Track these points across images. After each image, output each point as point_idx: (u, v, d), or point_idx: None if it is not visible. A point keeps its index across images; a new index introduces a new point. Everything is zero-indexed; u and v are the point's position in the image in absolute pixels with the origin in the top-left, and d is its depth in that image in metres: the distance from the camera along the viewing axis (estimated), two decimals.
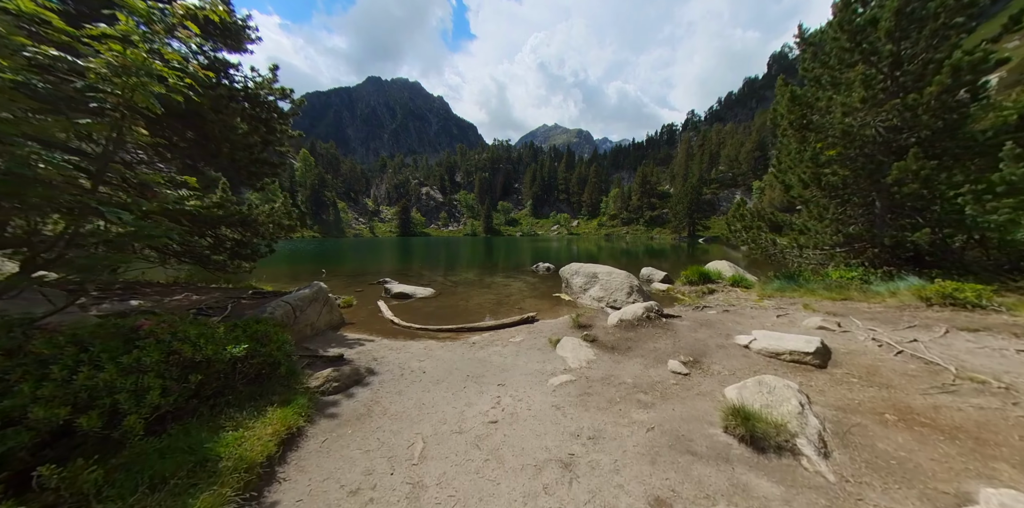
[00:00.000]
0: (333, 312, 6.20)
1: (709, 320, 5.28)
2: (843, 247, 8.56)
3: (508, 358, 4.24)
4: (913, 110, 7.27)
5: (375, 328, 6.13)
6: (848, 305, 6.54)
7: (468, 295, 8.78)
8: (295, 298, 5.36)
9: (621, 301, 7.00)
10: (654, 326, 4.74)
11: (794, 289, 7.86)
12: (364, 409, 3.12)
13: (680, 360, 3.76)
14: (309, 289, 5.74)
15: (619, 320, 4.84)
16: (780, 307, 6.58)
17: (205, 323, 3.37)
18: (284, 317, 4.91)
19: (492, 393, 3.35)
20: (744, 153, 68.43)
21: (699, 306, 6.94)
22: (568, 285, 8.22)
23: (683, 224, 60.98)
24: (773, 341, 3.94)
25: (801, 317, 5.70)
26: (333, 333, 5.73)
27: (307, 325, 5.41)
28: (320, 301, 5.82)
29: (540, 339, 4.85)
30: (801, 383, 3.21)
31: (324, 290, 6.00)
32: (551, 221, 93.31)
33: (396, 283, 9.31)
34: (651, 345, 4.25)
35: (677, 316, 5.33)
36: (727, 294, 8.45)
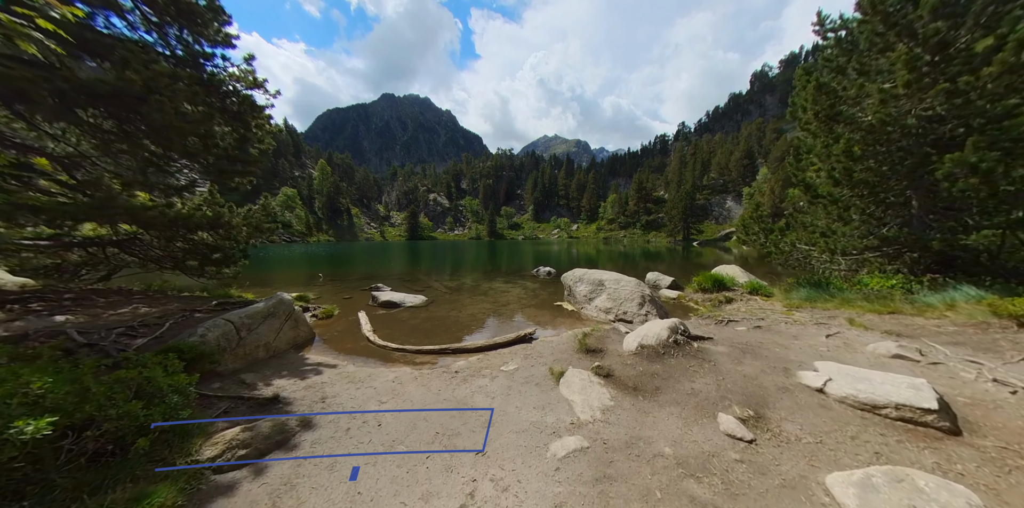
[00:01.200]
0: (299, 328, 4.99)
1: (749, 344, 3.98)
2: (875, 251, 7.21)
3: (496, 399, 2.99)
4: (965, 95, 5.96)
5: (347, 347, 4.91)
6: (902, 321, 5.20)
7: (462, 303, 7.54)
8: (243, 315, 4.16)
9: (632, 314, 5.72)
10: (684, 354, 3.46)
11: (826, 299, 6.52)
12: (266, 506, 1.88)
13: (735, 414, 2.48)
14: (264, 303, 4.54)
15: (639, 346, 3.56)
16: (820, 323, 5.26)
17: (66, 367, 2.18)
18: (221, 340, 3.70)
19: (466, 472, 2.10)
20: (733, 161, 67.27)
21: (722, 319, 5.63)
22: (571, 293, 6.94)
23: (678, 228, 59.54)
24: (859, 385, 2.65)
25: (856, 337, 4.38)
26: (294, 354, 4.51)
27: (259, 346, 4.20)
28: (280, 316, 4.60)
29: (539, 368, 3.59)
30: (944, 468, 1.92)
31: (286, 304, 4.80)
32: (552, 225, 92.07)
33: (386, 290, 8.10)
34: (687, 384, 2.97)
35: (708, 338, 4.04)
36: (747, 303, 7.12)
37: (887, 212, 7.49)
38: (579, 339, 4.07)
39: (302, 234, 72.18)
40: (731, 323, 5.45)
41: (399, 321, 6.23)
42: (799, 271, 8.21)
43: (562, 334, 4.96)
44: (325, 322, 6.27)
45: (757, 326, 5.12)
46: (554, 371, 3.39)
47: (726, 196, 67.33)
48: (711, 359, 3.40)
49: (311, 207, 79.85)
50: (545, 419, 2.64)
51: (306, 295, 8.11)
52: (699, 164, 72.73)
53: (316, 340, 5.18)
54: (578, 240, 67.49)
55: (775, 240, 7.54)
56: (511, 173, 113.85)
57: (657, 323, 3.93)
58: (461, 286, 10.09)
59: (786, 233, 7.49)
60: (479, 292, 8.94)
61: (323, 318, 6.42)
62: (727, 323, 5.47)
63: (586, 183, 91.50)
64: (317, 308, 6.69)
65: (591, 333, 4.28)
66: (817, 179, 8.07)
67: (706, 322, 5.71)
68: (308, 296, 8.10)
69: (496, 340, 4.58)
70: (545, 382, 3.26)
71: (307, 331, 5.17)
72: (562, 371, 3.30)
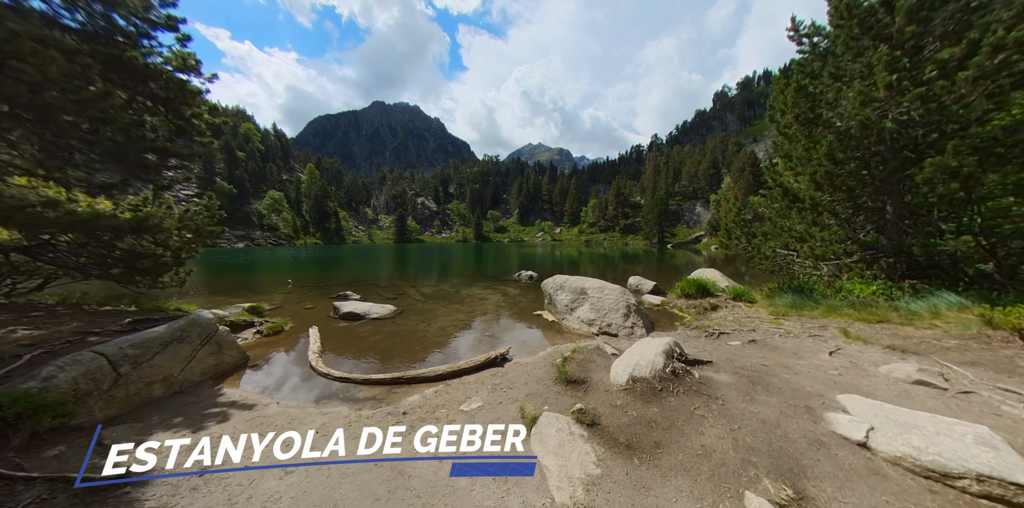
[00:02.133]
0: (224, 353, 3.91)
1: (753, 369, 3.25)
2: (852, 257, 6.80)
3: (442, 471, 2.09)
4: (938, 100, 5.59)
5: (279, 375, 3.87)
6: (896, 332, 4.67)
7: (434, 314, 6.57)
8: (128, 344, 3.07)
9: (617, 326, 4.95)
10: (686, 389, 2.67)
11: (811, 306, 5.99)
12: None
13: (769, 495, 1.69)
14: (166, 327, 3.45)
15: (630, 378, 2.75)
16: (815, 335, 4.66)
17: None
18: (82, 381, 2.63)
19: None
20: (701, 170, 69.52)
21: (712, 332, 4.94)
22: (552, 302, 6.12)
23: (653, 231, 60.46)
24: (912, 438, 1.94)
25: (860, 354, 3.76)
26: (209, 389, 3.45)
27: (154, 383, 3.12)
28: (190, 341, 3.53)
29: (508, 407, 2.73)
30: None
31: (202, 325, 3.72)
32: (536, 228, 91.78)
33: (352, 299, 7.02)
34: (695, 439, 2.17)
35: (708, 362, 3.29)
36: (733, 311, 6.52)
37: (861, 217, 7.11)
38: (558, 365, 3.23)
39: (289, 237, 68.64)
40: (723, 336, 4.77)
41: (357, 337, 5.21)
42: (778, 275, 7.73)
43: (539, 354, 4.12)
44: (270, 340, 5.18)
45: (752, 340, 4.45)
46: (525, 414, 2.53)
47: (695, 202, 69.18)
48: (717, 395, 2.63)
49: (298, 210, 76.20)
50: (507, 503, 1.77)
51: (260, 306, 6.93)
52: (671, 172, 74.40)
53: (248, 366, 4.11)
54: (561, 243, 67.48)
55: (758, 245, 7.01)
56: (497, 178, 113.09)
57: (650, 346, 3.14)
58: (438, 293, 9.09)
59: (768, 238, 6.98)
60: (455, 300, 7.98)
61: (269, 335, 5.32)
62: (718, 336, 4.78)
63: (568, 189, 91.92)
64: (264, 323, 5.57)
65: (572, 356, 3.45)
66: (795, 183, 7.65)
67: (695, 334, 5.02)
68: (262, 307, 6.92)
69: (461, 365, 3.67)
70: (512, 431, 2.39)
71: (236, 355, 4.09)
72: (535, 416, 2.44)
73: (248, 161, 73.05)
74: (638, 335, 4.91)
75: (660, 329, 5.42)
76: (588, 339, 4.86)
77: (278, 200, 70.38)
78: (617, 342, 4.57)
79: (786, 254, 6.90)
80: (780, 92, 7.53)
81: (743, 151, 62.68)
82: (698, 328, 5.35)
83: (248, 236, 62.92)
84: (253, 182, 72.05)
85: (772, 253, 6.88)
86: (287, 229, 69.20)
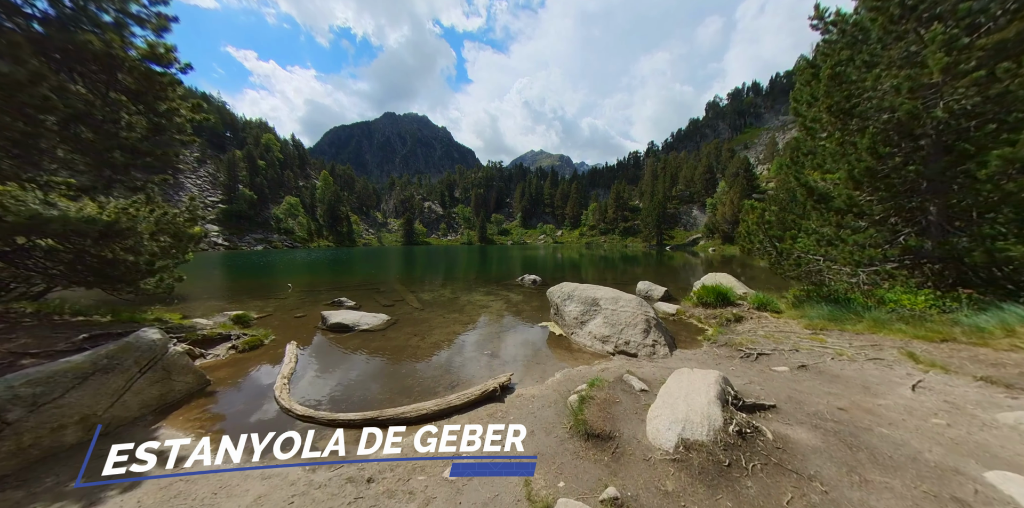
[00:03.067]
0: (172, 380, 3.11)
1: (838, 421, 2.33)
2: (892, 262, 5.82)
3: None
4: (1000, 85, 4.63)
5: (236, 408, 3.06)
6: (972, 354, 3.72)
7: (429, 325, 5.73)
8: (24, 379, 2.28)
9: (636, 344, 4.06)
10: (762, 461, 1.79)
11: (852, 319, 5.04)
12: None
13: None
14: (87, 354, 2.66)
15: (681, 443, 1.87)
16: (873, 357, 3.73)
17: None
18: None
19: None
20: (697, 175, 68.56)
21: (748, 352, 4.03)
22: (559, 313, 5.25)
23: (652, 234, 59.29)
24: None
25: (949, 387, 2.84)
26: (140, 430, 2.65)
27: (64, 427, 2.33)
28: (124, 370, 2.73)
29: (507, 483, 1.86)
30: None
31: (142, 348, 2.93)
32: (538, 231, 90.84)
33: (342, 309, 6.22)
34: None
35: (770, 406, 2.39)
36: (759, 322, 5.59)
37: (893, 219, 6.14)
38: (573, 409, 2.37)
39: (303, 240, 68.78)
40: (762, 357, 3.86)
41: (339, 355, 4.39)
42: (802, 282, 6.76)
43: (548, 382, 3.26)
44: (245, 357, 4.38)
45: (801, 365, 3.54)
46: (534, 498, 1.67)
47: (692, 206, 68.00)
48: (809, 471, 1.74)
49: (313, 214, 76.37)
50: None
51: (247, 315, 6.16)
52: (668, 177, 73.16)
53: (206, 392, 3.31)
54: (563, 245, 66.59)
55: (785, 249, 6.07)
56: (501, 183, 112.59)
57: (694, 384, 2.26)
58: (437, 299, 8.25)
59: (796, 242, 6.03)
60: (454, 307, 7.14)
61: (245, 350, 4.53)
62: (756, 357, 3.87)
63: (569, 193, 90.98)
64: (240, 336, 4.78)
65: (589, 395, 2.57)
66: (820, 182, 6.70)
67: (725, 353, 4.12)
68: (249, 316, 6.15)
69: (452, 400, 2.82)
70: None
71: (192, 381, 3.29)
72: (548, 506, 1.58)
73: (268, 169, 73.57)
74: (660, 355, 4.02)
75: (683, 346, 4.52)
76: (603, 360, 3.98)
77: (294, 205, 70.66)
78: (638, 365, 3.69)
79: (814, 259, 5.95)
80: (806, 84, 6.60)
81: (736, 157, 61.53)
82: (727, 345, 4.44)
83: (266, 239, 63.11)
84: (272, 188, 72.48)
85: (801, 259, 5.93)
86: (302, 232, 69.43)
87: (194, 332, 4.58)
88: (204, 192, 62.68)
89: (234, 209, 62.06)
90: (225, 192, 64.97)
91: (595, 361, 3.92)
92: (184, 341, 4.46)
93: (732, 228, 44.79)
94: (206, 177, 66.52)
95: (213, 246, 53.89)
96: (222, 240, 56.39)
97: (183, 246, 5.77)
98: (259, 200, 66.72)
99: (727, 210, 44.48)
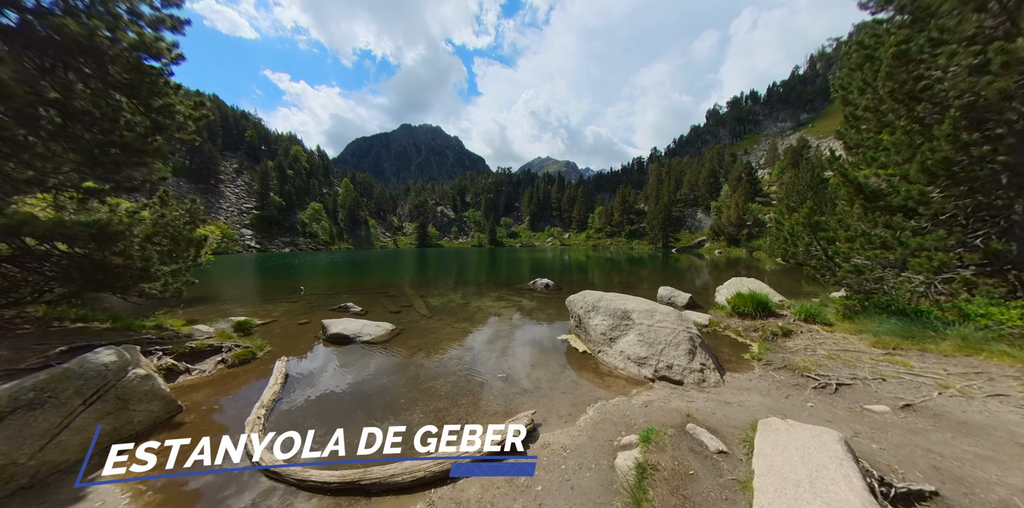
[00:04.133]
0: (131, 410, 2.46)
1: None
2: (968, 269, 4.74)
3: None
4: None
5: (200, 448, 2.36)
6: None
7: (436, 337, 4.97)
8: None
9: (681, 369, 3.20)
10: None
11: (933, 337, 4.02)
12: None
13: None
14: (8, 387, 2.00)
15: None
16: (995, 394, 2.75)
17: None
18: None
19: None
20: (701, 179, 66.69)
21: (821, 380, 3.11)
22: (581, 325, 4.42)
23: (658, 236, 57.44)
24: None
25: None
26: (67, 485, 1.97)
27: None
28: (61, 405, 2.09)
29: None
30: None
31: (87, 376, 2.28)
32: (546, 234, 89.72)
33: (345, 317, 5.55)
34: None
35: (931, 493, 1.50)
36: (812, 337, 4.61)
37: (972, 218, 5.03)
38: (631, 489, 1.55)
39: (326, 243, 69.95)
40: (843, 389, 2.94)
41: (333, 375, 3.68)
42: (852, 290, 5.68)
43: (580, 422, 2.44)
44: (234, 373, 3.74)
45: (905, 404, 2.61)
46: None
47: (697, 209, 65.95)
48: None
49: (335, 219, 77.68)
50: None
51: (250, 321, 5.59)
52: (673, 181, 71.07)
53: (172, 422, 2.64)
54: (570, 247, 65.33)
55: (843, 252, 5.04)
56: (509, 188, 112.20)
57: (819, 463, 1.43)
58: (446, 305, 7.51)
59: (855, 245, 5.00)
60: (464, 315, 6.38)
61: (235, 365, 3.89)
62: (836, 389, 2.95)
63: (576, 197, 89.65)
64: (230, 349, 4.14)
65: (649, 462, 1.75)
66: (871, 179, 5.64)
67: (787, 380, 3.21)
68: (251, 323, 5.58)
69: (455, 456, 2.04)
70: None
71: (155, 409, 2.63)
72: None
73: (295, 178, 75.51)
74: (711, 381, 3.15)
75: (731, 367, 3.61)
76: (642, 388, 3.14)
77: (318, 210, 72.00)
78: (689, 397, 2.83)
79: (876, 266, 4.91)
80: (857, 68, 5.59)
81: (739, 161, 59.48)
82: (786, 368, 3.52)
83: (293, 242, 64.64)
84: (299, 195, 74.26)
85: (863, 265, 4.89)
86: (325, 236, 70.68)
87: (182, 345, 3.97)
88: (240, 200, 64.89)
89: (265, 215, 64.19)
90: (258, 199, 67.18)
91: (632, 389, 3.08)
92: (170, 354, 3.86)
93: (737, 231, 42.88)
94: (243, 186, 69.21)
95: (247, 248, 55.60)
96: (254, 243, 58.10)
97: (183, 249, 5.24)
98: (287, 206, 68.52)
99: (732, 213, 42.57)
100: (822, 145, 53.45)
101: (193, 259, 5.82)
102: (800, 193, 20.83)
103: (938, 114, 4.54)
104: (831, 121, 59.99)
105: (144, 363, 3.24)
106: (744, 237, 41.41)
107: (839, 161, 6.22)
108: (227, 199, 63.23)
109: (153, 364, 3.63)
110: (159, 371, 3.59)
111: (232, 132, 76.53)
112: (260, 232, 60.90)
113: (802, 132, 69.24)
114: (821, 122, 67.87)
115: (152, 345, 4.01)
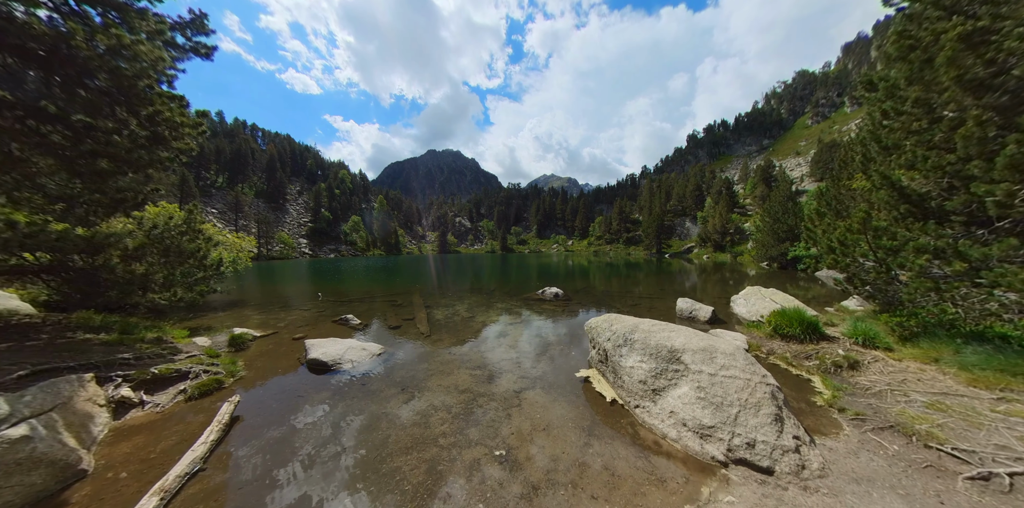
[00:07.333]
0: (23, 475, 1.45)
1: None
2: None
3: None
4: None
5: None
6: None
7: (427, 369, 3.73)
8: None
9: (768, 447, 1.93)
10: None
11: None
12: None
13: None
14: None
15: None
16: None
17: None
18: None
19: None
20: (688, 192, 66.27)
21: (979, 470, 1.80)
22: (609, 363, 3.12)
23: (652, 243, 55.59)
24: None
25: None
26: None
27: None
28: None
29: None
30: None
31: None
32: (552, 241, 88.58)
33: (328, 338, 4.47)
34: None
35: None
36: (884, 369, 3.23)
37: None
38: None
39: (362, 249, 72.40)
40: (1019, 480, 1.63)
41: (287, 426, 2.59)
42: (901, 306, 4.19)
43: None
44: (187, 408, 2.77)
45: None
46: None
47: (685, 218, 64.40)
48: None
49: (370, 230, 79.80)
50: None
51: (245, 335, 4.66)
52: (663, 194, 69.21)
53: (56, 501, 1.63)
54: (573, 253, 64.14)
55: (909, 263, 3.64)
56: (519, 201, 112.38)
57: None
58: (450, 319, 6.36)
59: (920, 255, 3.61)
60: (467, 334, 5.22)
61: (193, 398, 2.90)
62: (1010, 486, 1.64)
63: (578, 208, 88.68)
64: (197, 376, 3.15)
65: None
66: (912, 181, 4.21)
67: (918, 456, 1.91)
68: (247, 336, 4.65)
69: None
70: None
71: (37, 483, 1.65)
72: None
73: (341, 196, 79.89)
74: (814, 468, 1.87)
75: (808, 423, 2.31)
76: (711, 478, 1.89)
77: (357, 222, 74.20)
78: (786, 497, 1.60)
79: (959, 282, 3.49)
80: (897, 59, 4.28)
81: (718, 178, 59.29)
82: (892, 430, 2.21)
83: (336, 249, 68.57)
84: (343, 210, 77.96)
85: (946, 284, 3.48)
86: (362, 243, 72.93)
87: (145, 370, 3.04)
88: (300, 215, 69.53)
89: (317, 227, 68.90)
90: (312, 214, 71.52)
91: (701, 484, 1.82)
92: (131, 381, 2.93)
93: (721, 238, 42.19)
94: (302, 204, 75.86)
95: (301, 254, 59.59)
96: (308, 250, 62.34)
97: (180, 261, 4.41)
98: (333, 219, 72.29)
99: (716, 222, 42.58)
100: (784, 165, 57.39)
101: (200, 268, 5.01)
102: (782, 204, 20.73)
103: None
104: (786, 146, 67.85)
105: (87, 397, 2.34)
106: (728, 243, 40.23)
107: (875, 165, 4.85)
108: (290, 215, 69.34)
109: (105, 395, 2.70)
110: (109, 405, 2.66)
111: (298, 161, 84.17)
112: (312, 241, 64.57)
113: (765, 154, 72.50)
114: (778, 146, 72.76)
115: (119, 368, 3.10)
